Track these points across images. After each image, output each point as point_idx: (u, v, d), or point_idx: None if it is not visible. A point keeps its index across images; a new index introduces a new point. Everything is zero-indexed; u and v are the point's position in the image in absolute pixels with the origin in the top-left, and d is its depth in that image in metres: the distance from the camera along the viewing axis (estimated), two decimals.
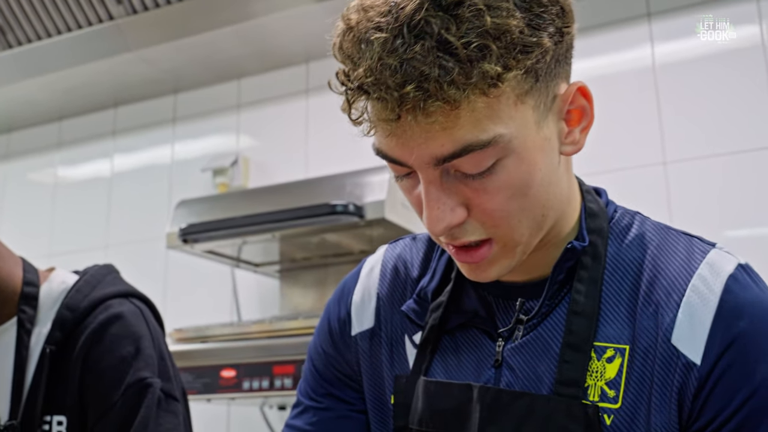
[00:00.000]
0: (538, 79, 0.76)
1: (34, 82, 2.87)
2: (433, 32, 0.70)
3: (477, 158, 0.74)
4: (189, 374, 2.04)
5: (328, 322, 1.04)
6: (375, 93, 0.72)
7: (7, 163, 3.29)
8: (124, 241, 2.94)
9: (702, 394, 0.78)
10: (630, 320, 0.83)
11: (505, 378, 0.86)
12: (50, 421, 1.32)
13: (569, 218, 0.88)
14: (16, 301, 1.37)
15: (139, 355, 1.31)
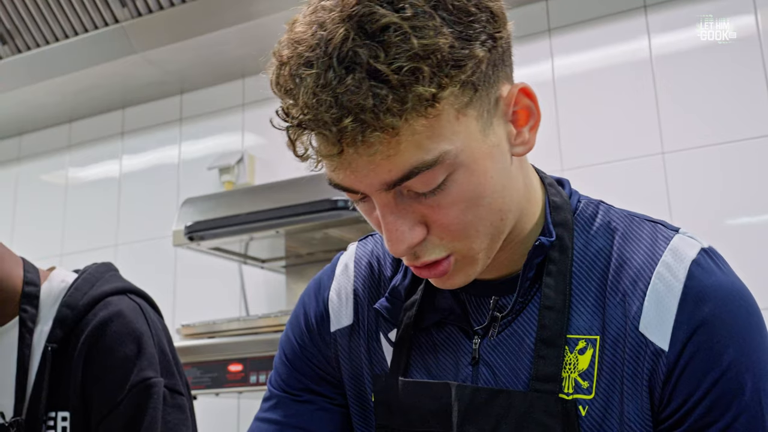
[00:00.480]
0: (477, 89, 0.74)
1: (44, 86, 2.90)
2: (362, 62, 0.68)
3: (426, 178, 0.74)
4: (197, 369, 2.06)
5: (304, 315, 1.02)
6: (314, 129, 0.71)
7: (19, 165, 3.33)
8: (133, 239, 2.97)
9: (671, 379, 0.79)
10: (600, 310, 0.83)
11: (482, 375, 0.86)
12: (55, 417, 1.34)
13: (531, 214, 0.87)
14: (17, 300, 1.39)
15: (142, 354, 1.32)
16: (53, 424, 1.34)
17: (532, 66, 2.40)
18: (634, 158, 2.23)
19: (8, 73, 2.84)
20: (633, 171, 2.22)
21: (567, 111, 2.33)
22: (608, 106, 2.29)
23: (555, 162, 2.31)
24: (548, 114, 2.34)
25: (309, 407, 0.99)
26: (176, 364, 1.40)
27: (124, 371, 1.31)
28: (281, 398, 1.00)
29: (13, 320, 1.40)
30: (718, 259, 0.84)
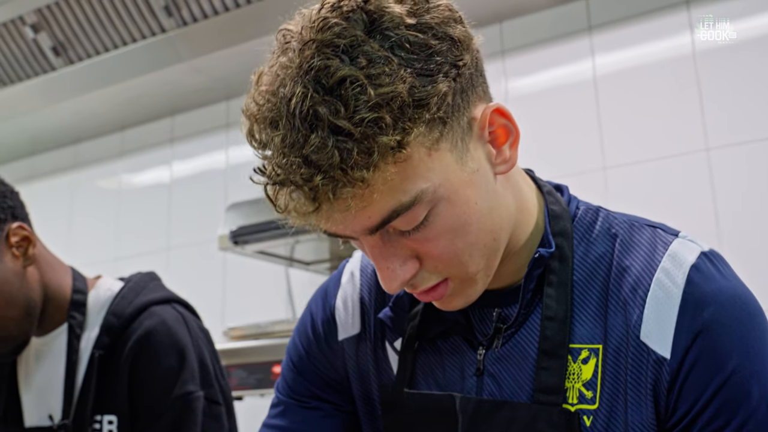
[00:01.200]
0: (446, 122, 0.73)
1: (96, 96, 2.96)
2: (323, 119, 0.67)
3: (408, 217, 0.73)
4: (243, 371, 2.09)
5: (311, 323, 1.01)
6: (288, 188, 0.71)
7: (75, 172, 3.40)
8: (184, 243, 3.01)
9: (675, 387, 0.77)
10: (601, 318, 0.82)
11: (487, 387, 0.86)
12: (101, 420, 1.37)
13: (525, 224, 0.86)
14: (66, 308, 1.43)
15: (184, 367, 1.36)
16: (99, 427, 1.37)
17: (572, 65, 2.37)
18: (678, 155, 2.18)
19: (62, 84, 2.90)
20: (677, 168, 2.17)
21: (609, 109, 2.29)
22: (651, 103, 2.24)
23: (597, 160, 2.27)
24: (590, 113, 2.30)
25: (316, 413, 0.99)
26: (216, 373, 1.43)
27: (168, 383, 1.34)
28: (288, 404, 1.00)
29: (62, 327, 1.44)
30: (720, 262, 0.82)
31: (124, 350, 1.37)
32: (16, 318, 1.35)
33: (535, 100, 2.41)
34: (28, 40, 2.81)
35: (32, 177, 3.50)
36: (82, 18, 2.69)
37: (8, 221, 1.35)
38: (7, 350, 1.39)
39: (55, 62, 2.84)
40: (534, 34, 2.44)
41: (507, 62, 2.46)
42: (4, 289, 1.32)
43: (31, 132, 3.29)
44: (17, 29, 2.80)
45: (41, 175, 3.49)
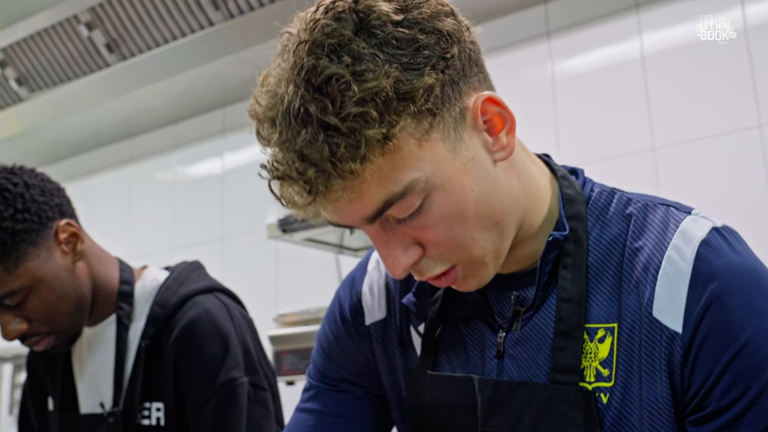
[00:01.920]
0: (435, 114, 0.75)
1: (149, 90, 3.00)
2: (313, 116, 0.71)
3: (402, 206, 0.75)
4: (294, 356, 2.10)
5: (339, 309, 1.04)
6: (287, 182, 0.74)
7: (132, 165, 3.46)
8: (237, 232, 3.04)
9: (688, 362, 0.77)
10: (616, 298, 0.83)
11: (507, 368, 0.87)
12: (149, 407, 1.40)
13: (538, 209, 0.87)
14: (114, 299, 1.45)
15: (228, 354, 1.37)
16: (148, 414, 1.40)
17: (620, 44, 2.31)
18: (730, 133, 2.11)
19: (117, 80, 2.95)
20: (728, 146, 2.10)
21: (658, 88, 2.22)
22: (701, 80, 2.17)
23: (646, 140, 2.21)
24: (638, 92, 2.24)
25: (347, 396, 1.02)
26: (260, 360, 1.44)
27: (212, 370, 1.36)
28: (320, 389, 1.03)
29: (111, 317, 1.47)
30: (732, 237, 0.81)
31: (169, 340, 1.40)
32: (68, 312, 1.38)
33: (582, 81, 2.36)
34: (83, 38, 2.87)
35: (91, 171, 3.58)
36: (134, 15, 2.73)
37: (56, 219, 1.38)
38: (60, 342, 1.42)
39: (109, 59, 2.89)
40: (580, 14, 2.38)
41: (553, 43, 2.41)
42: (56, 286, 1.35)
43: (89, 128, 3.36)
44: (72, 28, 2.86)
45: (100, 169, 3.56)
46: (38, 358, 1.55)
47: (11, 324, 1.34)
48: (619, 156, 2.25)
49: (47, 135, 3.39)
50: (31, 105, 3.15)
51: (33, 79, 3.08)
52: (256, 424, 1.36)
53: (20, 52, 3.02)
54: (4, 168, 1.37)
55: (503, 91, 0.87)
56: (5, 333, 1.35)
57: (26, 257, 1.31)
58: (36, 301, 1.34)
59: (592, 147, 2.29)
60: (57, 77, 3.03)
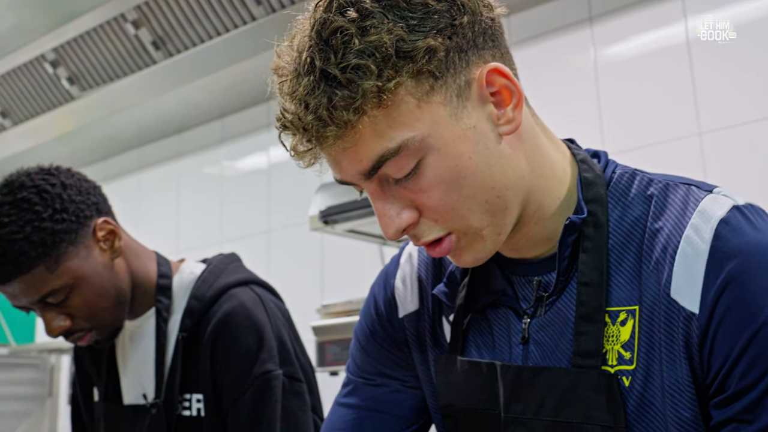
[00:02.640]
0: (437, 77, 0.77)
1: (195, 86, 3.02)
2: (315, 66, 0.74)
3: (397, 164, 0.77)
4: (337, 346, 2.10)
5: (374, 304, 1.05)
6: (290, 130, 0.78)
7: (180, 161, 3.50)
8: (283, 225, 3.05)
9: (706, 343, 0.75)
10: (637, 280, 0.81)
11: (532, 354, 0.87)
12: (190, 398, 1.42)
13: (551, 190, 0.86)
14: (153, 292, 1.47)
15: (263, 347, 1.38)
16: (188, 405, 1.41)
17: (663, 29, 2.24)
18: None
19: (163, 76, 2.98)
20: None
21: (703, 73, 2.16)
22: (747, 64, 2.10)
23: (691, 126, 2.15)
24: (683, 78, 2.18)
25: (383, 390, 1.02)
26: (296, 352, 1.44)
27: (247, 363, 1.37)
28: (357, 383, 1.04)
29: (150, 311, 1.49)
30: (754, 215, 0.78)
31: (206, 332, 1.41)
32: (109, 308, 1.41)
33: (626, 67, 2.30)
34: (130, 36, 2.91)
35: (141, 167, 3.63)
36: (178, 12, 2.75)
37: (94, 217, 1.39)
38: (103, 337, 1.44)
39: (155, 56, 2.92)
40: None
41: (595, 29, 2.36)
42: (96, 282, 1.37)
43: (138, 124, 3.41)
44: (120, 26, 2.90)
45: (149, 164, 3.61)
46: (84, 351, 1.58)
47: (55, 321, 1.37)
48: (664, 142, 2.19)
49: (98, 133, 3.45)
50: (82, 103, 3.20)
51: (83, 77, 3.13)
52: (291, 415, 1.37)
53: (71, 52, 3.07)
54: (41, 169, 1.39)
55: (547, 78, 0.86)
56: (49, 330, 1.38)
57: (66, 256, 1.33)
58: (77, 299, 1.36)
59: (637, 133, 2.23)
60: (106, 75, 3.07)
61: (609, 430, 0.79)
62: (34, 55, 3.15)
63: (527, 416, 0.84)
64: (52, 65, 3.15)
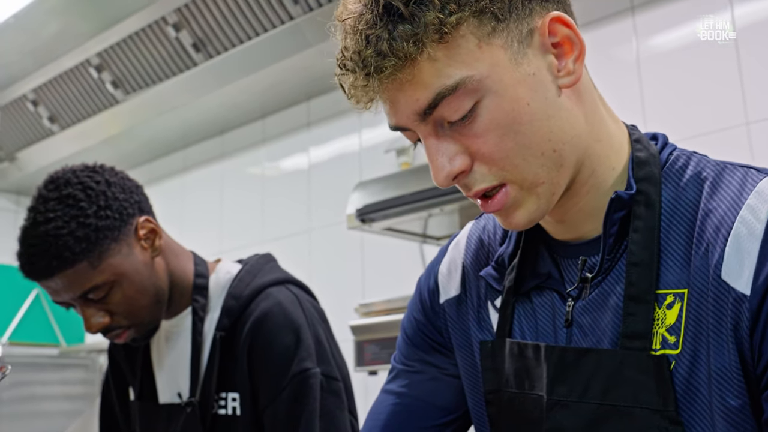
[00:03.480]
0: (500, 19, 0.76)
1: (236, 86, 3.03)
2: (379, 2, 0.74)
3: (454, 104, 0.76)
4: (375, 345, 2.08)
5: (419, 294, 1.05)
6: (349, 67, 0.77)
7: (223, 161, 3.52)
8: (323, 224, 3.04)
9: (758, 329, 0.71)
10: (687, 263, 0.78)
11: (575, 336, 0.84)
12: (225, 397, 1.41)
13: (608, 159, 0.84)
14: (190, 292, 1.47)
15: (300, 345, 1.37)
16: (224, 404, 1.40)
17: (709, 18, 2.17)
18: None
19: (204, 78, 2.99)
20: None
21: (750, 62, 2.08)
22: None
23: (739, 115, 2.07)
24: (731, 66, 2.10)
25: (422, 377, 1.02)
26: (332, 350, 1.43)
27: (285, 361, 1.36)
28: (399, 371, 1.04)
29: (187, 310, 1.49)
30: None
31: (243, 331, 1.40)
32: (148, 305, 1.41)
33: (668, 57, 2.23)
34: (171, 39, 2.92)
35: (185, 168, 3.66)
36: (217, 14, 2.76)
37: (136, 215, 1.40)
38: (140, 335, 1.44)
39: (196, 58, 2.93)
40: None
41: (637, 19, 2.30)
42: (136, 280, 1.38)
43: (181, 126, 3.43)
44: (161, 29, 2.92)
45: (193, 165, 3.63)
46: (119, 350, 1.58)
47: (94, 318, 1.37)
48: (711, 132, 2.12)
49: (143, 135, 3.48)
50: (127, 106, 3.23)
51: (127, 81, 3.16)
52: (328, 413, 1.35)
53: (114, 56, 3.10)
54: (86, 167, 1.40)
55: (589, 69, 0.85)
56: (89, 326, 1.38)
57: (109, 253, 1.33)
58: (118, 296, 1.36)
59: (681, 124, 2.16)
60: (149, 78, 3.10)
61: (658, 414, 0.76)
62: (79, 60, 3.18)
63: (572, 399, 0.81)
64: (97, 70, 3.18)
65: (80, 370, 3.79)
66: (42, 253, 1.29)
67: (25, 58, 3.25)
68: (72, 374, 3.76)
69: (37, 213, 1.32)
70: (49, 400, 3.63)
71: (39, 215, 1.31)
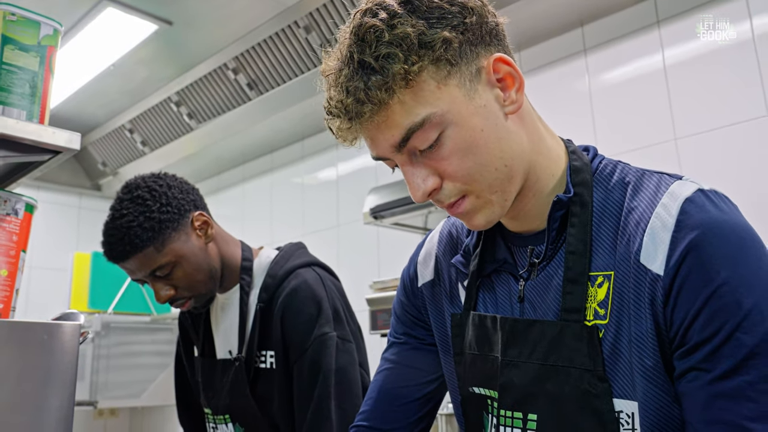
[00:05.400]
0: (453, 64, 0.74)
1: (281, 116, 3.01)
2: (353, 59, 0.72)
3: (422, 136, 0.73)
4: (386, 314, 2.04)
5: (403, 280, 1.02)
6: (334, 113, 0.75)
7: (272, 174, 3.49)
8: (348, 221, 3.01)
9: (669, 302, 0.69)
10: (613, 250, 0.75)
11: (527, 310, 0.82)
12: (264, 354, 1.38)
13: (548, 169, 0.81)
14: (238, 272, 1.44)
15: (321, 314, 1.35)
16: (263, 360, 1.38)
17: (642, 59, 2.11)
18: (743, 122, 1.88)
19: (257, 110, 2.98)
20: (742, 136, 1.88)
21: (677, 92, 2.02)
22: (714, 82, 1.95)
23: (668, 133, 2.01)
24: (662, 95, 2.04)
25: (404, 347, 1.00)
26: (347, 318, 1.41)
27: (309, 326, 1.35)
28: (392, 342, 1.03)
29: (235, 287, 1.46)
30: (717, 198, 0.71)
31: (277, 303, 1.39)
32: (204, 281, 1.39)
33: (615, 90, 2.17)
34: (231, 80, 2.90)
35: (244, 180, 3.63)
36: (266, 61, 2.75)
37: (191, 210, 1.39)
38: (199, 304, 1.42)
39: (250, 94, 2.91)
40: (611, 32, 2.20)
41: (589, 59, 2.24)
42: (193, 261, 1.36)
43: (240, 147, 3.41)
44: (223, 73, 2.90)
45: (249, 177, 3.61)
46: (186, 318, 1.56)
47: (162, 291, 1.36)
48: (646, 146, 2.06)
49: (210, 155, 3.47)
50: (198, 133, 3.22)
51: (199, 113, 3.15)
52: (342, 368, 1.33)
53: (189, 94, 3.09)
54: (153, 174, 1.40)
55: (547, 100, 0.82)
56: (158, 297, 1.37)
57: (170, 240, 1.32)
58: (179, 273, 1.35)
59: (623, 141, 2.11)
60: (215, 111, 3.08)
61: (589, 373, 0.74)
62: (163, 98, 3.18)
63: (521, 360, 0.79)
64: (176, 105, 3.17)
65: (167, 333, 3.79)
66: (118, 242, 1.28)
67: (123, 97, 3.25)
68: (161, 336, 3.76)
69: (114, 210, 1.32)
70: (144, 355, 3.62)
71: (116, 212, 1.31)
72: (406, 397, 0.97)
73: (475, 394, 0.86)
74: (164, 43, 2.76)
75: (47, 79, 1.01)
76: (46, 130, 0.97)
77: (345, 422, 1.28)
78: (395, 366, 0.99)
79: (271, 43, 2.68)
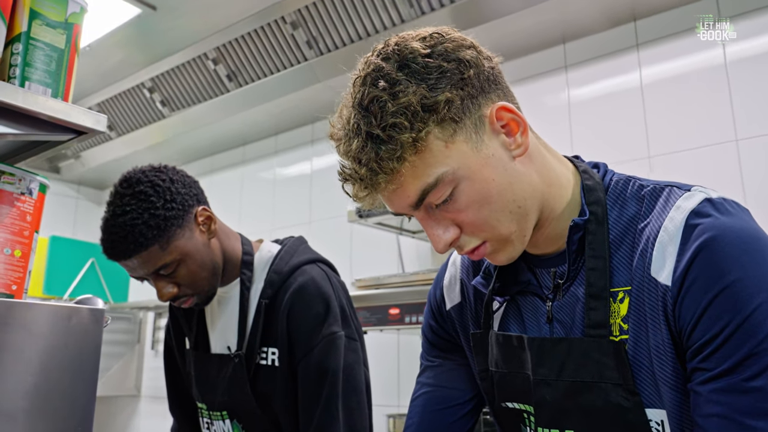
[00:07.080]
0: (458, 120, 0.73)
1: (257, 110, 2.93)
2: (362, 130, 0.71)
3: (437, 193, 0.73)
4: (366, 312, 2.01)
5: (430, 303, 1.01)
6: (349, 182, 0.74)
7: (243, 167, 3.41)
8: (322, 218, 2.96)
9: (677, 308, 0.70)
10: (629, 265, 0.77)
11: (556, 329, 0.81)
12: (266, 351, 1.34)
13: (559, 196, 0.81)
14: (239, 266, 1.39)
15: (329, 313, 1.31)
16: (265, 356, 1.33)
17: (620, 76, 2.16)
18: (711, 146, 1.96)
19: (233, 102, 2.89)
20: (710, 157, 1.95)
21: (653, 109, 2.08)
22: (688, 107, 2.02)
23: (643, 150, 2.07)
24: (638, 112, 2.10)
25: (440, 369, 0.99)
26: (352, 316, 1.37)
27: (317, 324, 1.30)
28: (426, 366, 1.01)
29: (236, 281, 1.41)
30: (722, 206, 0.72)
31: (283, 299, 1.33)
32: (207, 277, 1.33)
33: (592, 104, 2.22)
34: (210, 70, 2.81)
35: (212, 171, 3.54)
36: (248, 53, 2.67)
37: (195, 206, 1.32)
38: (201, 302, 1.36)
39: (228, 86, 2.83)
40: (591, 51, 2.25)
41: (569, 75, 2.28)
42: (197, 258, 1.30)
43: (212, 138, 3.32)
44: (202, 63, 2.81)
45: (219, 169, 3.52)
46: (179, 310, 1.49)
47: (165, 289, 1.29)
48: (621, 162, 2.11)
49: (180, 144, 3.36)
50: (170, 121, 3.11)
51: (173, 101, 3.04)
52: (349, 367, 1.30)
53: (164, 81, 2.98)
54: (153, 167, 1.31)
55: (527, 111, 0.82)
56: (161, 296, 1.30)
57: (175, 237, 1.25)
58: (183, 271, 1.28)
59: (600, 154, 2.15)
60: (190, 100, 2.98)
61: (619, 387, 0.74)
62: (136, 83, 3.05)
63: (551, 378, 0.78)
64: (149, 91, 3.05)
65: (124, 322, 3.64)
66: (121, 240, 1.20)
67: (94, 78, 3.10)
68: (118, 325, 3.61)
69: (115, 207, 1.23)
70: None
71: (117, 208, 1.22)
72: (451, 416, 0.96)
73: (509, 408, 0.86)
74: (145, 27, 2.64)
75: (73, 57, 0.95)
76: (74, 109, 0.91)
77: (349, 421, 1.25)
78: (434, 389, 0.97)
79: (255, 36, 2.61)
